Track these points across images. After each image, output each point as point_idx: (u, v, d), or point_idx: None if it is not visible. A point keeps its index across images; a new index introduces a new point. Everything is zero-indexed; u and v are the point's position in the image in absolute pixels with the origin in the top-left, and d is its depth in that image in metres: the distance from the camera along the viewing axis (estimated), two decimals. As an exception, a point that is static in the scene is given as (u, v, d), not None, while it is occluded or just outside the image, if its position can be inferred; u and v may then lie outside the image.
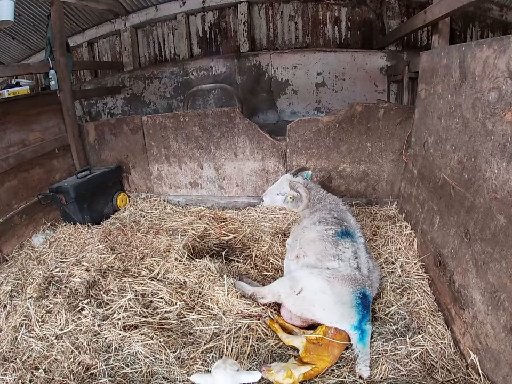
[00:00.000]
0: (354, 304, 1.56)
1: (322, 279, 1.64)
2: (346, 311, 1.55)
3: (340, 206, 2.19)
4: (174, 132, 3.11)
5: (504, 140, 1.29)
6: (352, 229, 1.97)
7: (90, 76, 6.06)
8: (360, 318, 1.54)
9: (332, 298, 1.58)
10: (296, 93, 4.81)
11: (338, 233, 1.89)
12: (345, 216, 2.08)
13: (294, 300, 1.67)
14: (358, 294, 1.58)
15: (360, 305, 1.56)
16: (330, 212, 2.10)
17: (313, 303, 1.61)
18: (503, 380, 1.23)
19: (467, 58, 1.61)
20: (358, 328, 1.53)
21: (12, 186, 2.78)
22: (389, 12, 4.51)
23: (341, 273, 1.65)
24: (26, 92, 3.04)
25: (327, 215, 2.05)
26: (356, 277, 1.65)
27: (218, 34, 5.11)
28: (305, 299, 1.63)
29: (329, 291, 1.59)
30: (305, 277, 1.70)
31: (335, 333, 1.53)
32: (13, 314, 1.92)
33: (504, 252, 1.25)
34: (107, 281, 2.12)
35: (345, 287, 1.60)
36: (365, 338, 1.52)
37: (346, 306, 1.56)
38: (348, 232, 1.92)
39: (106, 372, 1.50)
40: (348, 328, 1.54)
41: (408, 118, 2.55)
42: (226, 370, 1.18)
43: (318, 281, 1.64)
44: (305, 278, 1.69)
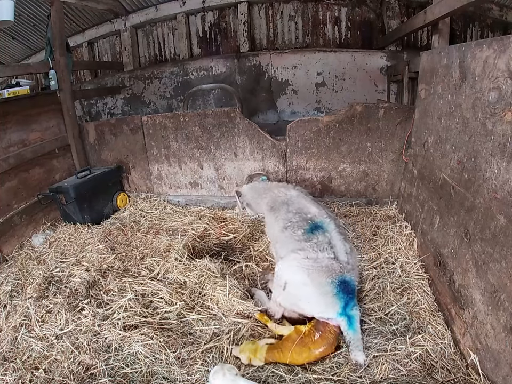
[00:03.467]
0: (335, 292, 1.58)
1: (302, 271, 1.65)
2: (329, 301, 1.57)
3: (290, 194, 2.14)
4: (174, 132, 3.11)
5: (504, 140, 1.29)
6: (319, 218, 1.94)
7: (90, 76, 6.07)
8: (343, 305, 1.55)
9: (314, 291, 1.60)
10: (296, 93, 4.81)
11: (307, 230, 1.87)
12: (303, 205, 2.04)
13: (283, 296, 1.69)
14: (337, 282, 1.60)
15: (340, 293, 1.58)
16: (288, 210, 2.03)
17: (299, 297, 1.64)
18: (503, 380, 1.23)
19: (467, 58, 1.61)
20: (344, 314, 1.54)
21: (11, 186, 2.78)
22: (389, 12, 4.51)
23: (319, 265, 1.66)
24: (26, 92, 3.04)
25: (286, 215, 2.01)
26: (333, 267, 1.65)
27: (218, 34, 5.11)
28: (291, 293, 1.66)
29: (310, 283, 1.61)
30: (286, 270, 1.71)
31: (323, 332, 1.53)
32: (13, 314, 1.92)
33: (504, 251, 1.25)
34: (107, 281, 2.12)
35: (323, 278, 1.61)
36: (354, 324, 1.53)
37: (328, 296, 1.58)
38: (316, 225, 1.89)
39: (106, 372, 1.50)
40: (334, 316, 1.55)
41: (408, 118, 2.55)
42: (226, 375, 1.18)
43: (299, 273, 1.65)
44: (286, 271, 1.71)
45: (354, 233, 2.47)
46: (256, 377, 1.45)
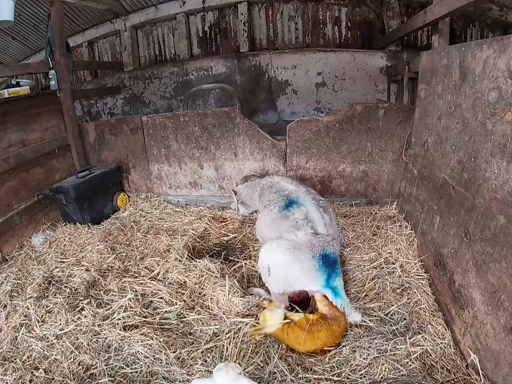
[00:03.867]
0: (318, 267, 1.66)
1: (282, 252, 1.70)
2: (313, 275, 1.67)
3: (275, 180, 2.24)
4: (174, 132, 3.11)
5: (504, 140, 1.29)
6: (294, 193, 2.00)
7: (90, 76, 6.06)
8: (326, 277, 1.66)
9: (298, 267, 1.67)
10: (296, 93, 4.81)
11: (282, 207, 1.94)
12: (282, 186, 2.12)
13: (271, 281, 1.73)
14: (318, 256, 1.67)
15: (323, 266, 1.67)
16: (270, 191, 2.14)
17: (284, 275, 1.70)
18: (503, 380, 1.23)
19: (467, 58, 1.61)
20: (328, 286, 1.65)
21: (11, 186, 2.78)
22: (389, 12, 4.51)
23: (298, 243, 1.71)
24: (26, 92, 3.04)
25: (268, 196, 2.12)
26: (312, 242, 1.71)
27: (218, 34, 5.11)
28: (277, 275, 1.71)
29: (292, 261, 1.67)
30: (266, 256, 1.76)
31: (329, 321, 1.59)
32: (13, 314, 1.92)
33: (504, 251, 1.25)
34: (107, 281, 2.12)
35: (304, 254, 1.67)
36: (339, 293, 1.65)
37: (311, 271, 1.67)
38: (291, 200, 1.95)
39: (106, 372, 1.50)
40: (319, 288, 1.66)
41: (408, 118, 2.55)
42: (229, 373, 1.17)
43: (279, 255, 1.71)
44: (267, 257, 1.75)
45: (354, 233, 2.47)
46: (257, 375, 1.45)
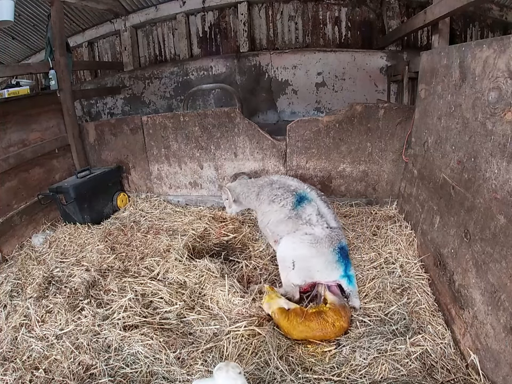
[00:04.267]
0: (337, 259, 1.82)
1: (306, 246, 1.83)
2: (334, 266, 1.82)
3: (274, 178, 2.31)
4: (174, 131, 3.11)
5: (504, 140, 1.29)
6: (300, 189, 2.09)
7: (90, 76, 6.07)
8: (344, 268, 1.82)
9: (321, 260, 1.82)
10: (296, 93, 4.81)
11: (295, 203, 2.02)
12: (285, 182, 2.21)
13: (294, 274, 1.85)
14: (337, 249, 1.83)
15: (341, 258, 1.83)
16: (272, 188, 2.18)
17: (308, 268, 1.84)
18: (503, 380, 1.23)
19: (467, 58, 1.61)
20: (345, 276, 1.82)
21: (11, 186, 2.78)
22: (389, 12, 4.51)
23: (319, 237, 1.85)
24: (26, 92, 3.04)
25: (272, 192, 2.15)
26: (331, 235, 1.86)
27: (218, 34, 5.11)
28: (301, 268, 1.84)
29: (316, 254, 1.82)
30: (291, 250, 1.87)
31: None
32: (13, 314, 1.92)
33: (504, 251, 1.25)
34: (107, 281, 2.12)
35: (326, 248, 1.82)
36: (352, 281, 1.83)
37: (332, 263, 1.82)
38: (300, 196, 2.04)
39: (106, 372, 1.50)
40: (338, 278, 1.82)
41: (408, 118, 2.55)
42: (229, 372, 1.17)
43: (303, 248, 1.83)
44: (292, 251, 1.87)
45: (354, 233, 2.47)
46: (257, 375, 1.45)
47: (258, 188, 2.31)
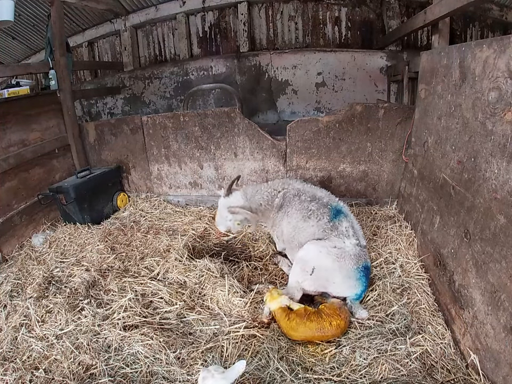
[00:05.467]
0: (359, 277, 1.78)
1: (331, 258, 1.78)
2: (352, 284, 1.79)
3: (299, 187, 2.07)
4: (174, 132, 3.11)
5: (504, 140, 1.29)
6: (334, 202, 2.00)
7: (90, 76, 6.06)
8: (363, 289, 1.80)
9: (341, 274, 1.78)
10: (296, 93, 4.81)
11: (331, 216, 1.92)
12: (314, 193, 2.03)
13: (309, 280, 1.82)
14: (362, 268, 1.79)
15: (363, 277, 1.79)
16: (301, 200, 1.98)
17: (326, 278, 1.80)
18: (503, 380, 1.23)
19: (467, 58, 1.61)
20: (359, 297, 1.81)
21: (11, 186, 2.78)
22: (389, 12, 4.51)
23: (347, 252, 1.80)
24: (26, 92, 3.04)
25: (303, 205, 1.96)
26: (359, 253, 1.82)
27: (218, 34, 5.11)
28: (319, 277, 1.80)
29: (338, 268, 1.77)
30: (315, 257, 1.81)
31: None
32: (13, 314, 1.92)
33: (504, 251, 1.25)
34: (107, 281, 2.12)
35: (351, 265, 1.78)
36: (359, 298, 1.81)
37: (352, 279, 1.78)
38: (336, 209, 1.96)
39: (106, 372, 1.50)
40: (350, 295, 1.79)
41: (408, 118, 2.55)
42: (214, 376, 1.19)
43: (328, 259, 1.78)
44: (315, 258, 1.81)
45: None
46: (257, 375, 1.45)
47: (281, 198, 2.05)
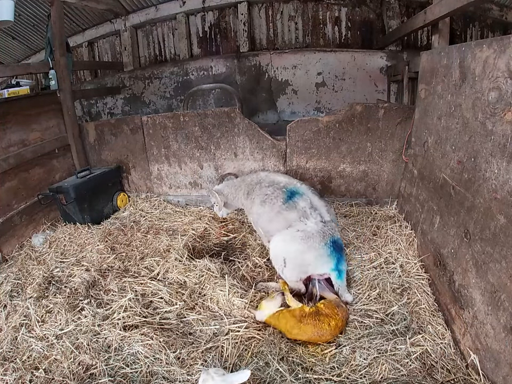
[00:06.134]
0: (329, 253, 1.84)
1: (297, 243, 1.84)
2: (325, 260, 1.84)
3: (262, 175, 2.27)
4: (174, 132, 3.11)
5: (504, 140, 1.29)
6: (290, 184, 2.09)
7: (90, 76, 6.06)
8: (336, 262, 1.84)
9: (312, 254, 1.83)
10: (296, 93, 4.81)
11: (285, 198, 2.00)
12: (274, 179, 2.19)
13: (288, 271, 1.87)
14: (329, 244, 1.84)
15: (333, 252, 1.84)
16: (261, 186, 2.17)
17: (301, 263, 1.85)
18: (503, 380, 1.23)
19: (467, 58, 1.61)
20: (335, 269, 1.84)
21: (11, 186, 2.77)
22: (389, 12, 4.51)
23: (310, 232, 1.85)
24: (26, 92, 3.04)
25: (262, 191, 2.13)
26: (323, 230, 1.87)
27: (218, 34, 5.11)
28: (294, 264, 1.86)
29: (307, 250, 1.83)
30: (281, 248, 1.89)
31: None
32: (13, 314, 1.92)
33: (504, 251, 1.25)
34: (107, 281, 2.12)
35: (317, 243, 1.83)
36: (342, 276, 1.85)
37: (324, 256, 1.84)
38: (291, 191, 2.03)
39: (106, 372, 1.50)
40: (328, 271, 1.84)
41: (408, 118, 2.55)
42: (215, 379, 1.18)
43: (294, 245, 1.84)
44: (282, 249, 1.88)
45: (354, 233, 2.47)
46: (257, 376, 1.45)
47: (247, 186, 2.29)
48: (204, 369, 1.27)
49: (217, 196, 2.42)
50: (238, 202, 2.41)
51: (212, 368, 1.26)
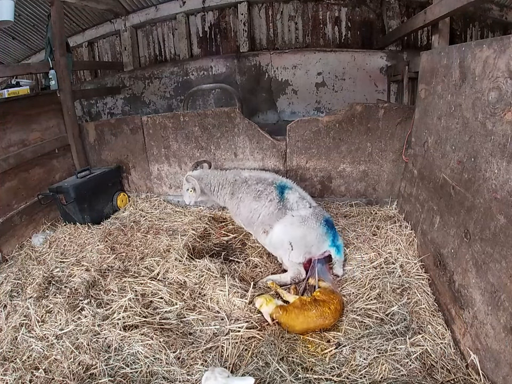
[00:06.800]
0: (325, 231, 2.05)
1: (298, 227, 2.04)
2: (324, 238, 2.05)
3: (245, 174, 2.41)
4: (174, 132, 3.11)
5: (504, 140, 1.29)
6: (277, 180, 2.29)
7: (90, 76, 6.07)
8: (332, 238, 2.05)
9: (313, 234, 2.03)
10: (296, 93, 4.81)
11: (278, 194, 2.20)
12: (259, 176, 2.36)
13: (295, 253, 2.03)
14: (323, 223, 2.06)
15: (328, 229, 2.06)
16: (249, 184, 2.31)
17: (305, 244, 2.03)
18: (503, 380, 1.23)
19: (467, 58, 1.61)
20: (333, 245, 2.04)
21: (11, 186, 2.77)
22: (389, 12, 4.51)
23: (306, 217, 2.07)
24: (26, 92, 3.04)
25: (251, 188, 2.28)
26: (315, 212, 2.10)
27: (218, 34, 5.11)
28: (299, 246, 2.02)
29: (308, 231, 2.03)
30: (286, 233, 2.06)
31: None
32: (13, 314, 1.92)
33: (504, 251, 1.25)
34: (107, 281, 2.12)
35: (314, 224, 2.04)
36: (340, 251, 2.06)
37: (322, 235, 2.05)
38: (281, 186, 2.24)
39: (106, 372, 1.50)
40: (328, 247, 2.04)
41: (408, 118, 2.55)
42: (218, 379, 1.18)
43: (296, 229, 2.04)
44: (287, 234, 2.05)
45: (354, 233, 2.47)
46: (257, 376, 1.45)
47: (231, 185, 2.39)
48: (210, 368, 1.27)
49: (197, 182, 2.45)
50: (218, 199, 2.51)
51: (218, 368, 1.25)
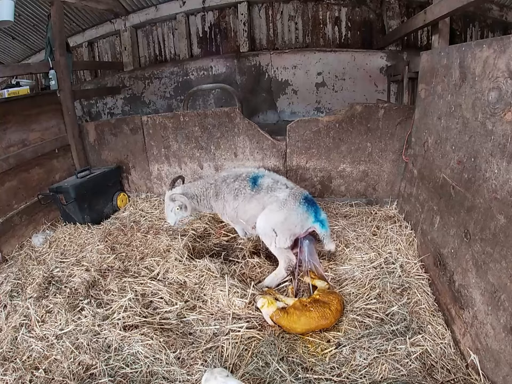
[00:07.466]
0: (306, 209, 2.03)
1: (277, 212, 2.03)
2: (306, 216, 2.03)
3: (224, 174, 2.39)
4: (174, 131, 3.11)
5: (504, 140, 1.29)
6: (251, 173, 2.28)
7: (90, 76, 6.07)
8: (314, 214, 2.03)
9: (294, 215, 2.02)
10: (296, 93, 4.81)
11: (250, 185, 2.19)
12: (235, 173, 2.35)
13: (279, 239, 2.03)
14: (303, 201, 2.04)
15: (309, 207, 2.04)
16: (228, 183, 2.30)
17: (288, 227, 2.02)
18: (503, 380, 1.23)
19: (467, 58, 1.61)
20: (317, 220, 2.02)
21: (12, 186, 2.78)
22: (389, 12, 4.51)
23: (283, 198, 2.06)
24: (26, 92, 3.04)
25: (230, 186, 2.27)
26: (293, 193, 2.08)
27: (218, 34, 5.11)
28: (283, 230, 2.02)
29: (288, 213, 2.02)
30: (267, 221, 2.05)
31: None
32: (13, 314, 1.92)
33: (504, 251, 1.25)
34: (107, 281, 2.12)
35: (294, 205, 2.03)
36: (325, 225, 2.02)
37: (303, 213, 2.02)
38: (253, 177, 2.22)
39: (106, 372, 1.50)
40: (312, 224, 2.02)
41: (408, 118, 2.55)
42: (217, 379, 1.18)
43: (276, 214, 2.03)
44: (268, 221, 2.05)
45: (354, 233, 2.47)
46: (257, 376, 1.45)
47: (214, 188, 2.34)
48: (209, 369, 1.27)
49: (186, 199, 2.31)
50: (205, 207, 2.43)
51: (217, 368, 1.26)
